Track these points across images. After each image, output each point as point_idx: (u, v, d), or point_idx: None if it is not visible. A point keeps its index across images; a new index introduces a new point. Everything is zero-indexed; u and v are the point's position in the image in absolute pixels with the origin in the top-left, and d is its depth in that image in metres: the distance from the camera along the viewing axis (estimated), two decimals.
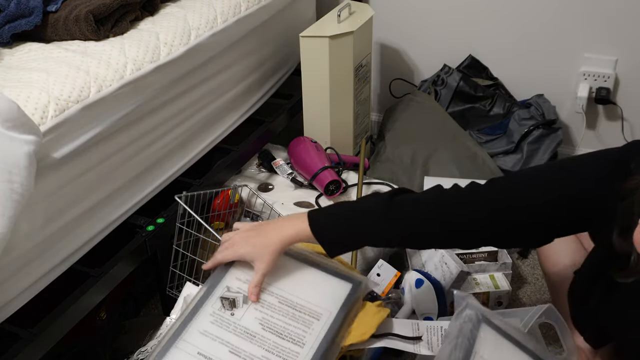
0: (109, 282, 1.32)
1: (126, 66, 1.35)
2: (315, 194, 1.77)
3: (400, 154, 2.00)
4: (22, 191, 1.04)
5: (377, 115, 2.42)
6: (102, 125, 1.28)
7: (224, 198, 1.67)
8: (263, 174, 1.88)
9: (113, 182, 1.36)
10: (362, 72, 1.94)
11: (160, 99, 1.45)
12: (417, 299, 1.47)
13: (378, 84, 2.37)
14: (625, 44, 1.95)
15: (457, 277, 1.48)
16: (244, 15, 1.70)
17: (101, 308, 1.53)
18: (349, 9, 1.92)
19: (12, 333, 1.15)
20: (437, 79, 2.15)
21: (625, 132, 2.06)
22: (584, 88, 2.01)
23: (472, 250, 1.63)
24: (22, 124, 1.06)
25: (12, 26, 1.45)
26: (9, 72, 1.28)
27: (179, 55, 1.47)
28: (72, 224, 1.26)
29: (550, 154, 1.96)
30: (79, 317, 1.26)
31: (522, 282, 1.72)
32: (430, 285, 1.47)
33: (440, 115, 2.06)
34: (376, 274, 1.57)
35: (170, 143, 1.52)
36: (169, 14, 1.57)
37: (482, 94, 2.10)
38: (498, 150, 2.00)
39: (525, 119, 1.99)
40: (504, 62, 2.13)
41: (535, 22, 2.03)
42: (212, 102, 1.65)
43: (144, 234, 1.41)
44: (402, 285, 1.55)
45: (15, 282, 1.14)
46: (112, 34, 1.45)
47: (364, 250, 1.63)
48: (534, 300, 1.66)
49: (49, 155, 1.17)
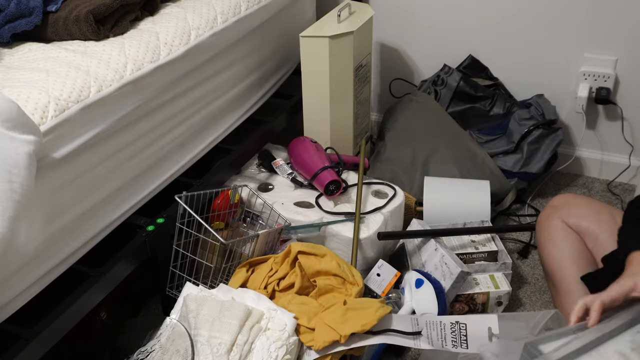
0: (109, 282, 1.32)
1: (126, 66, 1.35)
2: (316, 194, 1.77)
3: (400, 154, 2.00)
4: (22, 191, 1.04)
5: (377, 115, 2.42)
6: (102, 125, 1.28)
7: (224, 198, 1.67)
8: (263, 174, 1.88)
9: (113, 182, 1.36)
10: (362, 72, 1.94)
11: (160, 99, 1.45)
12: (417, 298, 1.47)
13: (378, 84, 2.37)
14: (625, 44, 1.95)
15: (457, 277, 1.48)
16: (244, 15, 1.70)
17: (101, 308, 1.53)
18: (349, 9, 1.92)
19: (12, 333, 1.15)
20: (437, 79, 2.15)
21: (625, 132, 2.06)
22: (584, 88, 2.01)
23: (472, 250, 1.63)
24: (22, 123, 1.06)
25: (12, 26, 1.45)
26: (9, 72, 1.28)
27: (179, 55, 1.47)
28: (72, 224, 1.26)
29: (550, 154, 1.97)
30: (79, 317, 1.26)
31: (522, 282, 1.72)
32: (430, 285, 1.47)
33: (440, 115, 2.06)
34: (376, 274, 1.58)
35: (170, 143, 1.52)
36: (169, 14, 1.57)
37: (482, 94, 2.10)
38: (498, 150, 2.00)
39: (525, 119, 1.99)
40: (504, 62, 2.13)
41: (535, 22, 2.02)
42: (212, 102, 1.65)
43: (144, 234, 1.41)
44: (402, 285, 1.55)
45: (15, 282, 1.14)
46: (112, 34, 1.45)
47: (364, 250, 1.63)
48: (533, 300, 1.66)
49: (49, 155, 1.17)
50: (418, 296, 1.47)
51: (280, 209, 1.71)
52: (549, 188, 2.12)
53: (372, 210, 1.68)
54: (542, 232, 1.43)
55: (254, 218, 1.79)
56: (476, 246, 1.65)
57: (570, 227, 1.38)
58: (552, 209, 1.43)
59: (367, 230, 1.63)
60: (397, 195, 1.76)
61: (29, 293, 1.18)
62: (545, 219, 1.43)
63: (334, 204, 1.73)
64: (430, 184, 1.85)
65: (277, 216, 1.68)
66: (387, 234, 1.63)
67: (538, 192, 2.09)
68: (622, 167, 2.11)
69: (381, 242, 1.67)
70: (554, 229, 1.40)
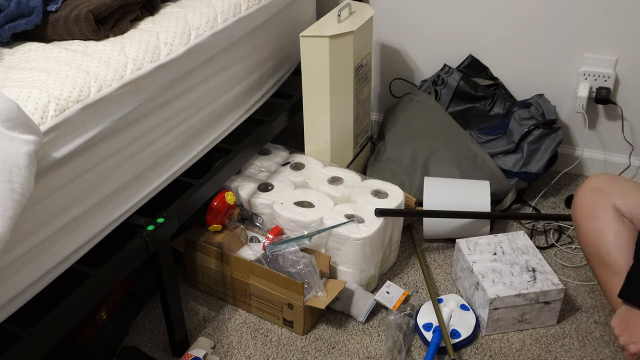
0: (109, 282, 1.32)
1: (126, 66, 1.35)
2: (316, 194, 1.77)
3: (400, 154, 2.00)
4: (22, 191, 1.04)
5: (377, 115, 2.42)
6: (102, 125, 1.28)
7: (220, 200, 1.67)
8: (263, 173, 1.88)
9: (113, 182, 1.36)
10: (362, 72, 1.94)
11: (160, 99, 1.45)
12: (459, 314, 1.61)
13: (378, 83, 2.37)
14: (625, 44, 1.95)
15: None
16: (244, 15, 1.70)
17: (101, 308, 1.53)
18: (349, 8, 1.92)
19: (12, 333, 1.15)
20: (437, 79, 2.15)
21: (626, 132, 2.06)
22: (584, 88, 2.01)
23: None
24: (22, 123, 1.06)
25: (12, 26, 1.44)
26: (9, 72, 1.28)
27: (179, 55, 1.47)
28: (72, 224, 1.26)
29: (551, 154, 1.97)
30: (79, 317, 1.25)
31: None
32: (474, 315, 1.62)
33: (440, 115, 2.06)
34: (385, 292, 1.69)
35: (170, 143, 1.52)
36: (169, 14, 1.57)
37: (482, 94, 2.10)
38: (498, 150, 2.00)
39: (525, 119, 1.99)
40: (504, 62, 2.13)
41: (535, 21, 2.02)
42: (212, 102, 1.65)
43: (144, 234, 1.41)
44: (444, 300, 1.66)
45: (15, 282, 1.14)
46: (112, 33, 1.45)
47: (364, 249, 1.63)
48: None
49: (49, 155, 1.16)
50: (459, 315, 1.61)
51: (280, 209, 1.70)
52: (549, 188, 2.12)
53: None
54: (592, 221, 1.35)
55: (253, 218, 1.79)
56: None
57: (624, 215, 1.31)
58: (596, 193, 1.35)
59: (367, 230, 1.63)
60: (396, 195, 1.76)
61: (29, 293, 1.18)
62: (593, 206, 1.34)
63: (333, 203, 1.73)
64: (430, 184, 1.85)
65: (277, 216, 1.67)
66: (385, 210, 1.67)
67: (538, 192, 2.09)
68: (622, 167, 2.11)
69: (378, 248, 1.67)
70: (610, 220, 1.31)
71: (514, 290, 1.53)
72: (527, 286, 1.54)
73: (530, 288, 1.53)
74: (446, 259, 1.85)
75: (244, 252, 1.67)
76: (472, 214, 1.77)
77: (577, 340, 1.57)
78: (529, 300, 1.54)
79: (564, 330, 1.60)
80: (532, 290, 1.53)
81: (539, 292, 1.53)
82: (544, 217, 1.94)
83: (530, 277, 1.57)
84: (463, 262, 1.67)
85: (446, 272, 1.80)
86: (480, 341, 1.58)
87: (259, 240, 1.71)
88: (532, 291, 1.53)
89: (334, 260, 1.68)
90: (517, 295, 1.53)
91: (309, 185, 1.83)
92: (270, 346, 1.59)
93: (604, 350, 1.54)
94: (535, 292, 1.53)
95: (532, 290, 1.53)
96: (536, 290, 1.53)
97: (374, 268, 1.69)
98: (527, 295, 1.53)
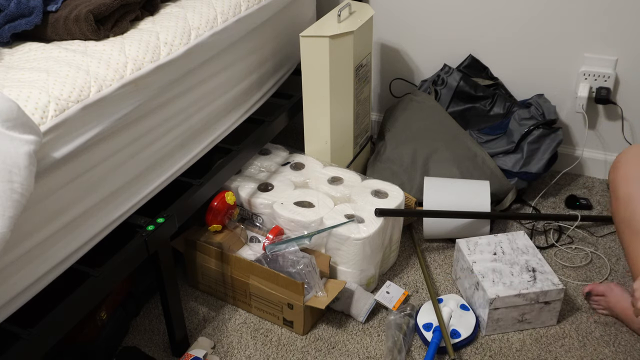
0: (109, 282, 1.32)
1: (126, 66, 1.35)
2: (316, 193, 1.77)
3: (400, 154, 2.00)
4: (22, 191, 1.04)
5: (377, 115, 2.42)
6: (102, 125, 1.28)
7: (220, 200, 1.67)
8: (263, 173, 1.88)
9: (113, 182, 1.36)
10: (362, 72, 1.94)
11: (160, 99, 1.45)
12: (459, 315, 1.60)
13: (378, 83, 2.37)
14: (625, 44, 1.95)
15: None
16: (244, 15, 1.70)
17: (101, 308, 1.53)
18: (349, 8, 1.92)
19: (12, 333, 1.15)
20: (437, 79, 2.15)
21: (626, 132, 2.06)
22: (584, 88, 2.01)
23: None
24: (22, 123, 1.06)
25: (12, 26, 1.44)
26: (9, 72, 1.28)
27: (179, 55, 1.47)
28: (72, 224, 1.26)
29: (551, 154, 1.97)
30: (79, 317, 1.25)
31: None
32: (474, 315, 1.61)
33: (440, 115, 2.06)
34: (386, 292, 1.68)
35: (170, 143, 1.52)
36: (169, 14, 1.57)
37: (482, 94, 2.10)
38: (498, 150, 2.00)
39: (525, 119, 1.99)
40: (504, 62, 2.13)
41: (535, 21, 2.03)
42: (212, 102, 1.65)
43: (144, 234, 1.40)
44: (443, 300, 1.65)
45: (15, 282, 1.14)
46: (112, 33, 1.45)
47: (364, 249, 1.63)
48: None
49: (49, 155, 1.16)
50: (460, 315, 1.60)
51: (280, 209, 1.70)
52: (549, 188, 2.12)
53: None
54: (634, 186, 1.30)
55: (253, 218, 1.79)
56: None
57: None
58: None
59: (367, 230, 1.63)
60: (396, 195, 1.76)
61: (29, 293, 1.18)
62: (636, 172, 1.30)
63: (333, 203, 1.73)
64: (430, 184, 1.85)
65: (277, 216, 1.67)
66: (385, 210, 1.67)
67: (538, 192, 2.09)
68: None
69: (378, 248, 1.67)
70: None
71: (514, 290, 1.53)
72: (527, 286, 1.54)
73: (530, 288, 1.54)
74: (446, 259, 1.85)
75: (244, 252, 1.67)
76: (472, 214, 1.77)
77: (577, 340, 1.57)
78: (529, 300, 1.54)
79: (564, 330, 1.60)
80: (532, 290, 1.53)
81: (539, 292, 1.53)
82: (544, 217, 1.94)
83: (530, 277, 1.57)
84: (463, 262, 1.67)
85: (446, 272, 1.80)
86: (480, 341, 1.58)
87: (259, 240, 1.71)
88: (532, 291, 1.53)
89: (334, 260, 1.68)
90: (517, 295, 1.53)
91: (309, 185, 1.83)
92: (270, 346, 1.59)
93: (604, 350, 1.54)
94: (535, 292, 1.53)
95: (532, 290, 1.53)
96: (536, 290, 1.53)
97: (374, 268, 1.70)
98: (527, 295, 1.53)
